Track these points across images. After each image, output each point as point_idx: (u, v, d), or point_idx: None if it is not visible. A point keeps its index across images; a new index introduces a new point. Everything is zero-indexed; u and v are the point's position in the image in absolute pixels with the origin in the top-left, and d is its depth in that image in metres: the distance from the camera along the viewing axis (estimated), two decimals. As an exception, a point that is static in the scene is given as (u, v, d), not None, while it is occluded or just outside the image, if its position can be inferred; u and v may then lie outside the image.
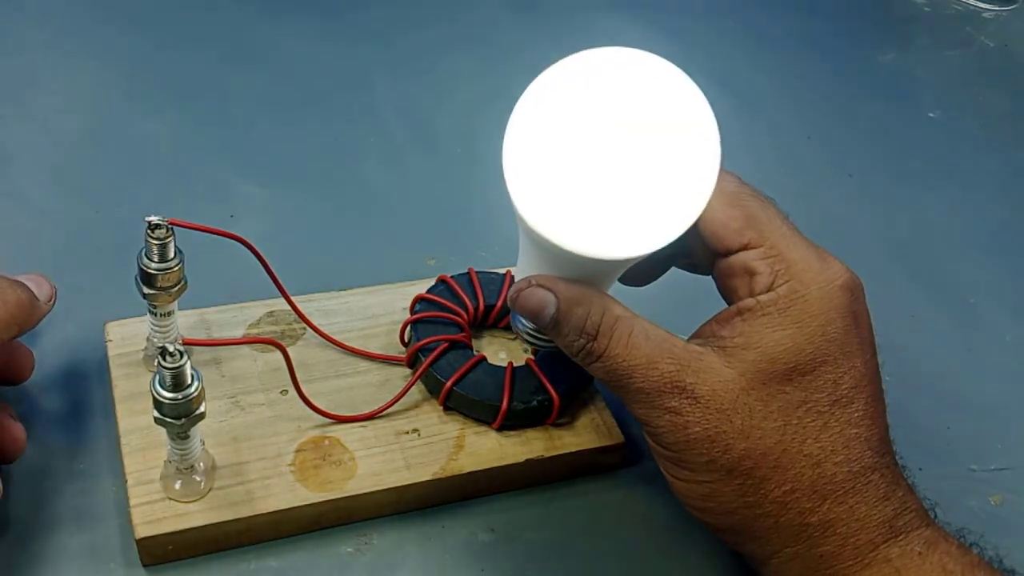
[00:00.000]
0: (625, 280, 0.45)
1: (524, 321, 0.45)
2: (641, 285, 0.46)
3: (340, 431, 0.47)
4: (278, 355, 0.45)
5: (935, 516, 0.41)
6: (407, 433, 0.47)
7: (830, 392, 0.40)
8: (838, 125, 0.78)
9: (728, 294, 0.42)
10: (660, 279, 0.47)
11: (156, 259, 0.43)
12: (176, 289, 0.44)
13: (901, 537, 0.39)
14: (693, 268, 0.45)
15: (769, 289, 0.40)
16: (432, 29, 0.80)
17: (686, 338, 0.42)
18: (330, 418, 0.47)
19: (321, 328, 0.50)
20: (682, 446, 0.40)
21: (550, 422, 0.48)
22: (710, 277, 0.44)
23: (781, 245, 0.41)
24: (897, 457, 0.42)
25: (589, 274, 0.41)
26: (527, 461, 0.47)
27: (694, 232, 0.40)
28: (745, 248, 0.41)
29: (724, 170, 0.40)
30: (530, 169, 0.38)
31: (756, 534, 0.40)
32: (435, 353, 0.48)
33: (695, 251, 0.43)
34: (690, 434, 0.39)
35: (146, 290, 0.44)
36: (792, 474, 0.39)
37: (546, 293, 0.41)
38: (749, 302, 0.40)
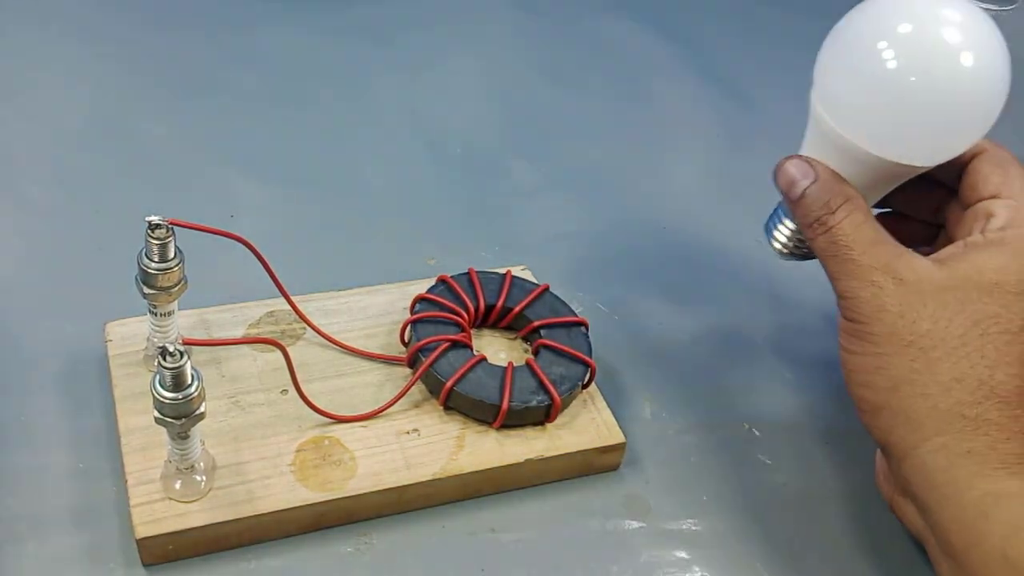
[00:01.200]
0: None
1: (784, 222, 0.48)
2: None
3: (340, 431, 0.47)
4: (278, 355, 0.45)
5: None
6: (407, 433, 0.47)
7: (1021, 321, 0.41)
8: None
9: (959, 234, 0.45)
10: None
11: (156, 259, 0.43)
12: (176, 289, 0.44)
13: None
14: (909, 223, 0.50)
15: (1001, 229, 0.43)
16: (433, 28, 0.80)
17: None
18: (330, 418, 0.47)
19: (321, 328, 0.50)
20: (873, 314, 0.42)
21: (550, 422, 0.48)
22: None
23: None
24: None
25: (861, 175, 0.45)
26: (527, 461, 0.47)
27: (951, 177, 0.46)
28: (993, 197, 0.44)
29: (1002, 146, 0.46)
30: (844, 79, 0.45)
31: (911, 415, 0.41)
32: (435, 353, 0.48)
33: (938, 200, 0.48)
34: (884, 303, 0.42)
35: (146, 290, 0.44)
36: (965, 365, 0.41)
37: (808, 168, 0.45)
38: (976, 236, 0.43)
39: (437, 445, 0.47)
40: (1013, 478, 0.39)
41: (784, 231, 0.48)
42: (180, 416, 0.39)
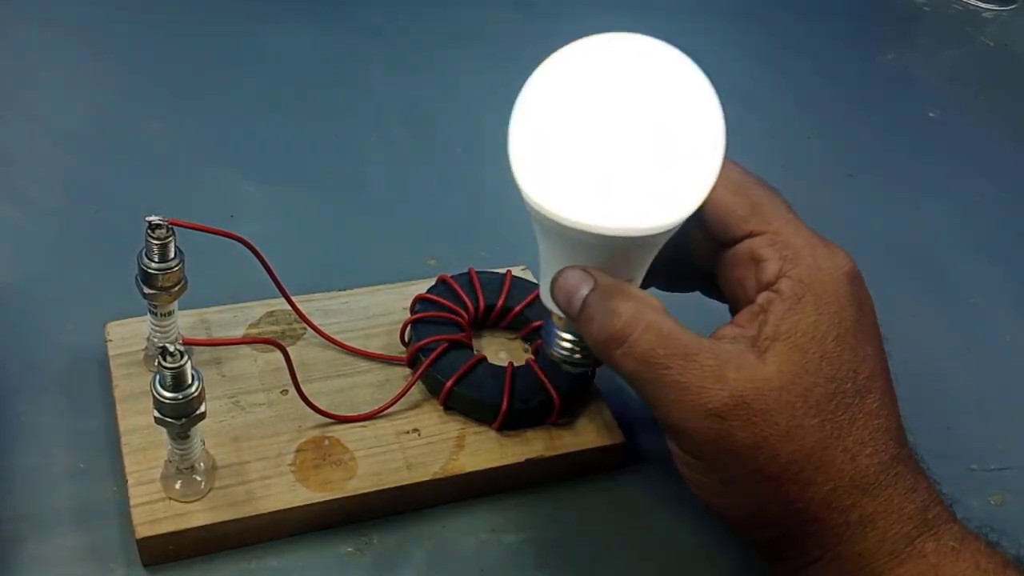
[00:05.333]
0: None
1: (561, 339, 0.43)
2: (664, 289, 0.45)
3: (340, 431, 0.47)
4: (278, 355, 0.45)
5: (954, 513, 0.41)
6: (407, 433, 0.47)
7: (853, 382, 0.39)
8: (838, 125, 0.78)
9: (734, 285, 0.41)
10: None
11: (156, 259, 0.43)
12: (176, 289, 0.44)
13: (934, 531, 0.38)
14: (693, 260, 0.44)
15: (779, 275, 0.39)
16: (433, 28, 0.80)
17: None
18: (330, 418, 0.47)
19: (321, 328, 0.50)
20: (726, 456, 0.38)
21: (550, 422, 0.48)
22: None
23: (786, 231, 0.40)
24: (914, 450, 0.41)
25: (614, 265, 0.40)
26: (527, 461, 0.47)
27: (698, 222, 0.40)
28: (750, 236, 0.40)
29: (729, 160, 0.40)
30: (541, 153, 0.38)
31: (799, 540, 0.39)
32: (435, 353, 0.48)
33: (699, 244, 0.42)
34: (736, 441, 0.37)
35: (146, 290, 0.44)
36: (833, 471, 0.38)
37: (583, 274, 0.39)
38: (766, 295, 0.39)
39: (437, 445, 0.47)
40: (904, 566, 0.38)
41: (565, 344, 0.42)
42: (180, 416, 0.39)
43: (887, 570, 0.38)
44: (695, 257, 0.44)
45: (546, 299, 0.42)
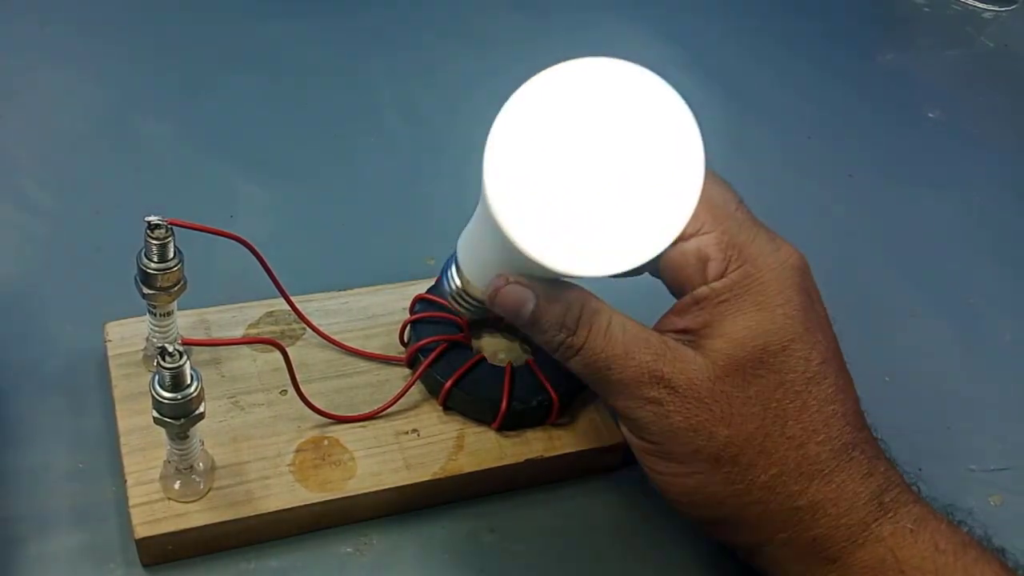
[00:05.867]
0: None
1: (455, 279, 0.45)
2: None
3: (340, 431, 0.47)
4: (278, 355, 0.45)
5: (919, 491, 0.41)
6: (407, 433, 0.47)
7: (803, 371, 0.40)
8: (838, 125, 0.78)
9: (680, 283, 0.42)
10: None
11: (156, 259, 0.43)
12: (176, 289, 0.44)
13: (891, 514, 0.39)
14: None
15: (723, 274, 0.40)
16: (433, 29, 0.80)
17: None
18: (330, 418, 0.47)
19: (321, 328, 0.50)
20: (666, 436, 0.40)
21: (550, 422, 0.48)
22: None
23: (734, 230, 0.41)
24: (888, 451, 0.42)
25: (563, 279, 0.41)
26: (527, 461, 0.47)
27: None
28: (697, 234, 0.41)
29: None
30: (514, 188, 0.37)
31: (746, 522, 0.40)
32: (435, 353, 0.48)
33: None
34: (672, 423, 0.39)
35: (146, 290, 0.44)
36: (777, 457, 0.39)
37: (524, 290, 0.41)
38: (704, 290, 0.40)
39: (436, 445, 0.47)
40: (861, 549, 0.39)
41: (455, 286, 0.45)
42: (179, 416, 0.39)
43: (844, 554, 0.39)
44: None
45: (465, 262, 0.44)
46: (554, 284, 0.41)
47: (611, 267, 0.38)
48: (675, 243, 0.40)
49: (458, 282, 0.45)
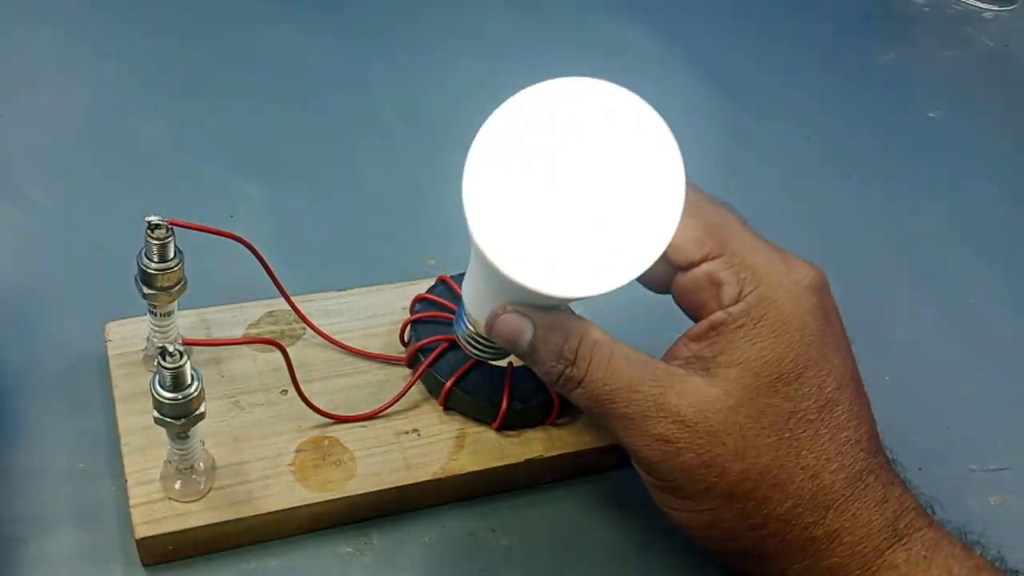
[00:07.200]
0: None
1: (467, 324, 0.44)
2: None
3: (340, 431, 0.47)
4: (278, 355, 0.45)
5: (933, 512, 0.41)
6: (407, 433, 0.47)
7: (816, 398, 0.39)
8: (838, 125, 0.78)
9: (694, 309, 0.41)
10: (626, 297, 0.44)
11: (156, 259, 0.43)
12: (176, 289, 0.44)
13: (905, 540, 0.39)
14: (650, 284, 0.43)
15: (738, 298, 0.39)
16: (433, 28, 0.80)
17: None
18: (330, 418, 0.47)
19: (321, 328, 0.50)
20: (677, 474, 0.39)
21: (550, 422, 0.48)
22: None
23: (743, 251, 0.40)
24: (889, 453, 0.41)
25: (554, 304, 0.40)
26: (527, 461, 0.47)
27: None
28: (706, 259, 0.40)
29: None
30: (493, 212, 0.37)
31: (763, 555, 0.40)
32: (435, 353, 0.48)
33: (654, 269, 0.40)
34: (684, 461, 0.38)
35: (146, 290, 0.44)
36: (792, 489, 0.38)
37: (522, 319, 0.40)
38: (720, 315, 0.39)
39: (437, 445, 0.47)
40: None
41: (469, 331, 0.44)
42: (180, 416, 0.39)
43: None
44: (653, 284, 0.43)
45: (469, 303, 0.43)
46: (554, 314, 0.40)
47: (596, 287, 0.37)
48: (686, 271, 0.40)
49: (470, 326, 0.44)
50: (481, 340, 0.44)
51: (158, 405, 0.39)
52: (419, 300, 0.51)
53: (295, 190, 0.63)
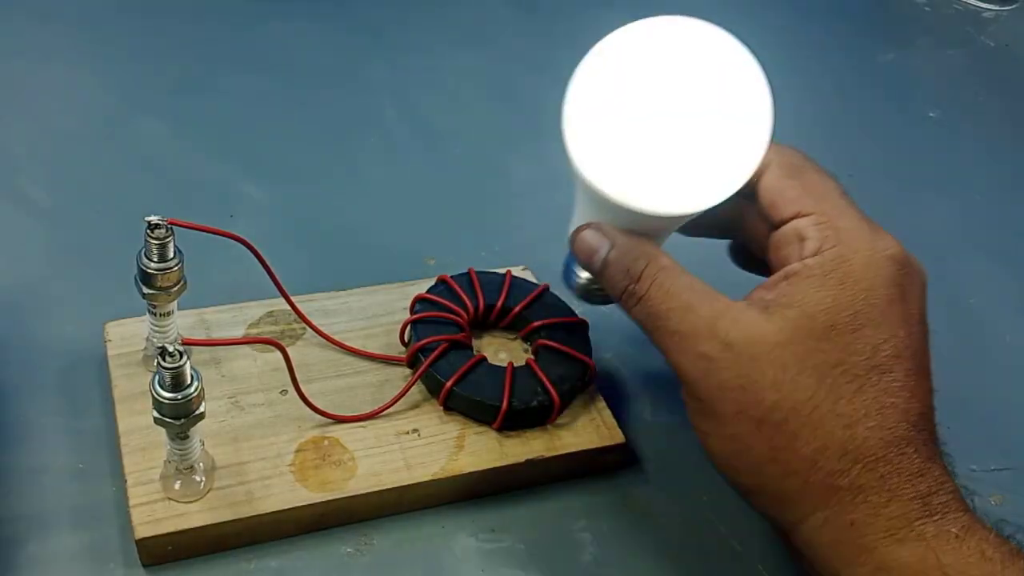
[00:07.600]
0: (682, 230, 0.46)
1: (579, 273, 0.46)
2: (694, 236, 0.47)
3: (340, 431, 0.47)
4: (278, 355, 0.45)
5: (973, 506, 0.40)
6: (407, 433, 0.47)
7: (868, 357, 0.39)
8: (838, 125, 0.78)
9: (779, 263, 0.42)
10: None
11: (156, 259, 0.43)
12: (176, 289, 0.44)
13: (937, 517, 0.38)
14: (751, 245, 0.46)
15: (816, 253, 0.40)
16: (433, 28, 0.80)
17: None
18: (330, 418, 0.47)
19: (321, 328, 0.50)
20: (714, 392, 0.40)
21: (550, 422, 0.48)
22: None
23: (833, 214, 0.41)
24: (942, 445, 0.41)
25: (643, 228, 0.43)
26: (527, 461, 0.47)
27: (752, 205, 0.42)
28: (797, 216, 0.42)
29: (789, 147, 0.43)
30: (590, 129, 0.40)
31: (785, 494, 0.40)
32: (435, 353, 0.48)
33: (753, 225, 0.44)
34: (722, 380, 0.39)
35: (146, 290, 0.44)
36: (823, 431, 0.38)
37: (601, 237, 0.43)
38: (796, 266, 0.40)
39: (437, 445, 0.47)
40: (901, 546, 0.38)
41: (583, 279, 0.46)
42: (179, 416, 0.39)
43: (881, 546, 0.38)
44: (751, 241, 0.45)
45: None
46: (631, 238, 0.42)
47: (681, 206, 0.40)
48: (777, 226, 0.42)
49: (583, 274, 0.46)
50: (590, 285, 0.46)
51: (158, 405, 0.39)
52: (419, 300, 0.51)
53: (295, 190, 0.63)
